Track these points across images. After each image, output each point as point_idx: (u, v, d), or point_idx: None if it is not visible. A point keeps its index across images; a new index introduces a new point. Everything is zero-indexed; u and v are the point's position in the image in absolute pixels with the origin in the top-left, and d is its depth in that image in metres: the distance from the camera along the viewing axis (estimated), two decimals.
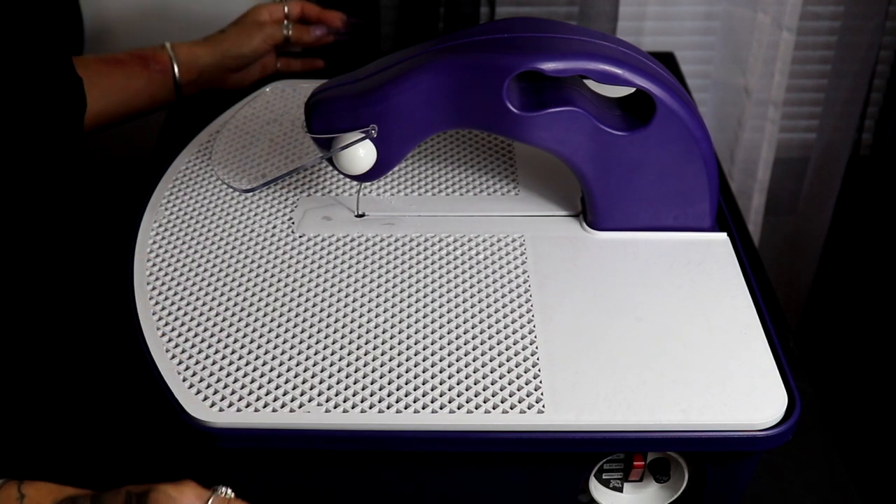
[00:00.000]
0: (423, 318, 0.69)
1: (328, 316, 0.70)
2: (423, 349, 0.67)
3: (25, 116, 0.74)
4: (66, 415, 0.76)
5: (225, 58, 1.01)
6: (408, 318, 0.69)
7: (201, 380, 0.65)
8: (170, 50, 0.99)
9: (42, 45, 0.80)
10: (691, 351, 0.67)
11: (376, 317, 0.69)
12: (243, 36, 1.02)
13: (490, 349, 0.67)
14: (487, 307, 0.70)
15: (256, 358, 0.66)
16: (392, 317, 0.69)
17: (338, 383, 0.64)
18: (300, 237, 0.77)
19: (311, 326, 0.69)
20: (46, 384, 0.75)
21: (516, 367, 0.65)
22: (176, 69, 0.98)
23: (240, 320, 0.69)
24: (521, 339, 0.68)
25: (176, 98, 1.00)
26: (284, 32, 1.04)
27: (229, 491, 0.58)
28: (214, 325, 0.69)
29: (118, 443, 0.76)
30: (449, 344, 0.67)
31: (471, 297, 0.71)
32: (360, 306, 0.70)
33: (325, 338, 0.68)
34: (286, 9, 1.05)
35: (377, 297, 0.71)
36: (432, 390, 0.64)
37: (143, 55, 0.98)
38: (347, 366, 0.66)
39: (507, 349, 0.67)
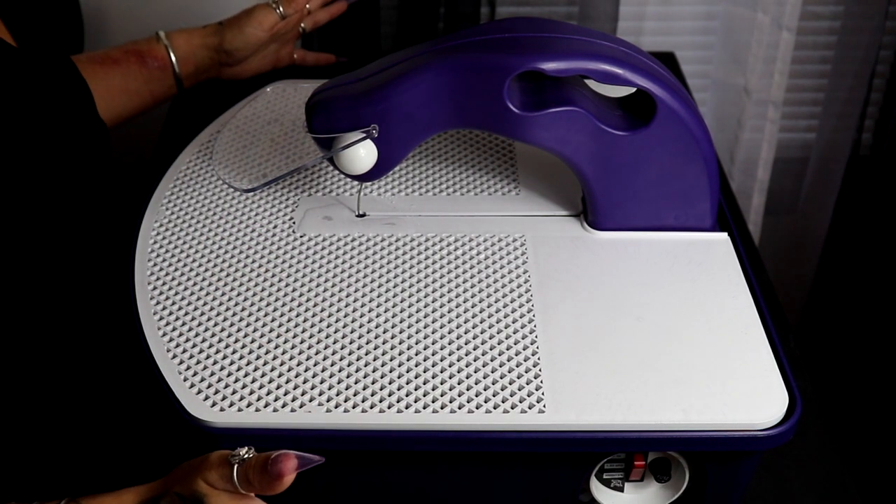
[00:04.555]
0: (424, 318, 0.69)
1: (329, 316, 0.70)
2: (424, 349, 0.67)
3: (53, 165, 0.72)
4: (67, 415, 0.76)
5: (219, 52, 0.98)
6: (408, 317, 0.69)
7: (202, 379, 0.65)
8: (165, 41, 0.94)
9: (68, 94, 0.77)
10: (692, 351, 0.67)
11: (377, 317, 0.69)
12: (235, 31, 0.98)
13: (491, 349, 0.67)
14: (488, 307, 0.70)
15: (257, 358, 0.66)
16: (393, 317, 0.69)
17: (339, 383, 0.65)
18: (301, 237, 0.77)
19: (311, 326, 0.69)
20: (48, 384, 0.75)
21: (517, 366, 0.65)
22: (175, 63, 0.94)
23: (241, 320, 0.69)
24: (522, 338, 0.68)
25: (177, 91, 0.97)
26: (277, 11, 0.98)
27: (250, 452, 0.56)
28: (215, 324, 0.69)
29: (119, 442, 0.76)
30: (450, 344, 0.67)
31: (471, 297, 0.71)
32: (361, 306, 0.70)
33: (326, 337, 0.68)
34: None
35: (378, 296, 0.71)
36: (433, 390, 0.64)
37: (139, 51, 0.93)
38: (348, 365, 0.66)
39: (507, 349, 0.67)
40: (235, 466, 0.55)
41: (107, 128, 0.83)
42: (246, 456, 0.55)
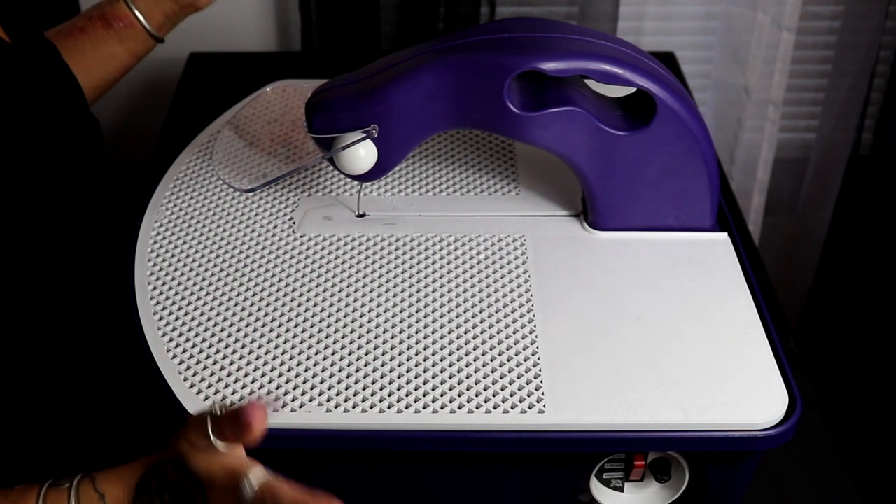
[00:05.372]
0: (424, 317, 0.69)
1: (329, 316, 0.70)
2: (424, 349, 0.67)
3: (47, 163, 0.72)
4: (66, 414, 0.76)
5: (180, 3, 0.91)
6: (408, 317, 0.69)
7: (202, 379, 0.65)
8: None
9: (60, 90, 0.77)
10: (692, 351, 0.67)
11: (377, 317, 0.69)
12: None
13: (491, 349, 0.67)
14: (488, 307, 0.70)
15: (257, 358, 0.66)
16: (393, 317, 0.69)
17: (339, 383, 0.65)
18: (301, 237, 0.77)
19: (311, 326, 0.69)
20: (48, 383, 0.75)
21: (517, 366, 0.65)
22: (142, 20, 0.89)
23: (240, 320, 0.69)
24: (522, 338, 0.68)
25: (157, 42, 0.92)
26: None
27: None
28: (215, 324, 0.69)
29: (119, 442, 0.76)
30: (450, 344, 0.67)
31: (471, 297, 0.71)
32: (361, 306, 0.70)
33: (326, 338, 0.68)
34: None
35: (378, 296, 0.71)
36: (433, 390, 0.64)
37: (102, 14, 0.89)
38: (348, 366, 0.66)
39: (507, 349, 0.67)
40: (210, 422, 0.55)
41: (99, 123, 0.83)
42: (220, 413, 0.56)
